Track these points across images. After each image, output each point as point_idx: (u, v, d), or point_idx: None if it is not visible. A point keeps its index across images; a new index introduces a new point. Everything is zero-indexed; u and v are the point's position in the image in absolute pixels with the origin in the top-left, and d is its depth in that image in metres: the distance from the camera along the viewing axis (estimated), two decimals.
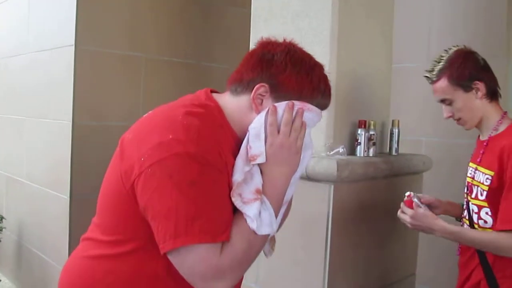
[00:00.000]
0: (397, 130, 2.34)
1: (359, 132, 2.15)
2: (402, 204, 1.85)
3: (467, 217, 1.89)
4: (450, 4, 3.28)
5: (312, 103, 1.25)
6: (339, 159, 1.97)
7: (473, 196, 1.84)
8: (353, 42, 2.20)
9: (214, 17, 3.78)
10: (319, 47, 2.09)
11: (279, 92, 1.22)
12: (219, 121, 1.23)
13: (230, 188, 1.18)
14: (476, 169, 1.85)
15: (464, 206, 1.92)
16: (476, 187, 1.83)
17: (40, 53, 3.54)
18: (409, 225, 1.83)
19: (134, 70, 3.40)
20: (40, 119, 3.51)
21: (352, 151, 2.18)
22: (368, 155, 2.17)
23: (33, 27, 3.69)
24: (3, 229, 3.81)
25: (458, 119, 1.86)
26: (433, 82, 1.86)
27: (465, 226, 1.89)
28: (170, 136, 1.11)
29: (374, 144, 2.18)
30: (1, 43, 4.21)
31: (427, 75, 1.88)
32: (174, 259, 1.12)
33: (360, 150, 2.15)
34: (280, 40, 1.28)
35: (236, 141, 1.25)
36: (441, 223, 1.76)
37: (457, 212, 2.00)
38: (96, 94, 3.20)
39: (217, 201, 1.13)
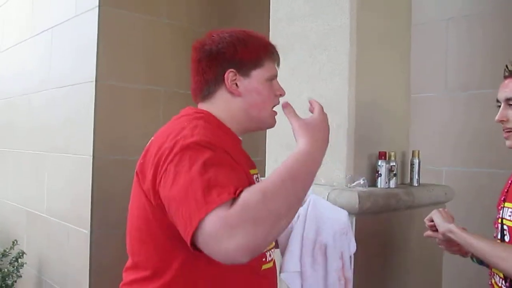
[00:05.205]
0: (417, 161, 2.32)
1: (379, 163, 2.14)
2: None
3: None
4: (466, 32, 3.29)
5: (272, 59, 1.37)
6: (360, 191, 1.96)
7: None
8: (371, 74, 2.21)
9: None
10: (338, 79, 2.11)
11: (244, 68, 1.33)
12: (216, 123, 1.32)
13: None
14: None
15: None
16: None
17: (61, 89, 3.62)
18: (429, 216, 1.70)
19: (153, 104, 3.44)
20: (61, 154, 3.56)
21: (373, 182, 2.17)
22: (389, 187, 2.15)
23: (54, 64, 3.78)
24: (24, 265, 3.82)
25: (510, 130, 1.58)
26: (510, 75, 1.58)
27: None
28: (179, 137, 1.17)
29: (395, 175, 2.17)
30: (25, 80, 4.31)
31: (509, 66, 1.59)
32: (200, 237, 1.02)
33: (381, 182, 2.14)
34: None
35: (236, 140, 1.36)
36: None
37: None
38: (116, 128, 3.25)
39: (229, 172, 1.11)
